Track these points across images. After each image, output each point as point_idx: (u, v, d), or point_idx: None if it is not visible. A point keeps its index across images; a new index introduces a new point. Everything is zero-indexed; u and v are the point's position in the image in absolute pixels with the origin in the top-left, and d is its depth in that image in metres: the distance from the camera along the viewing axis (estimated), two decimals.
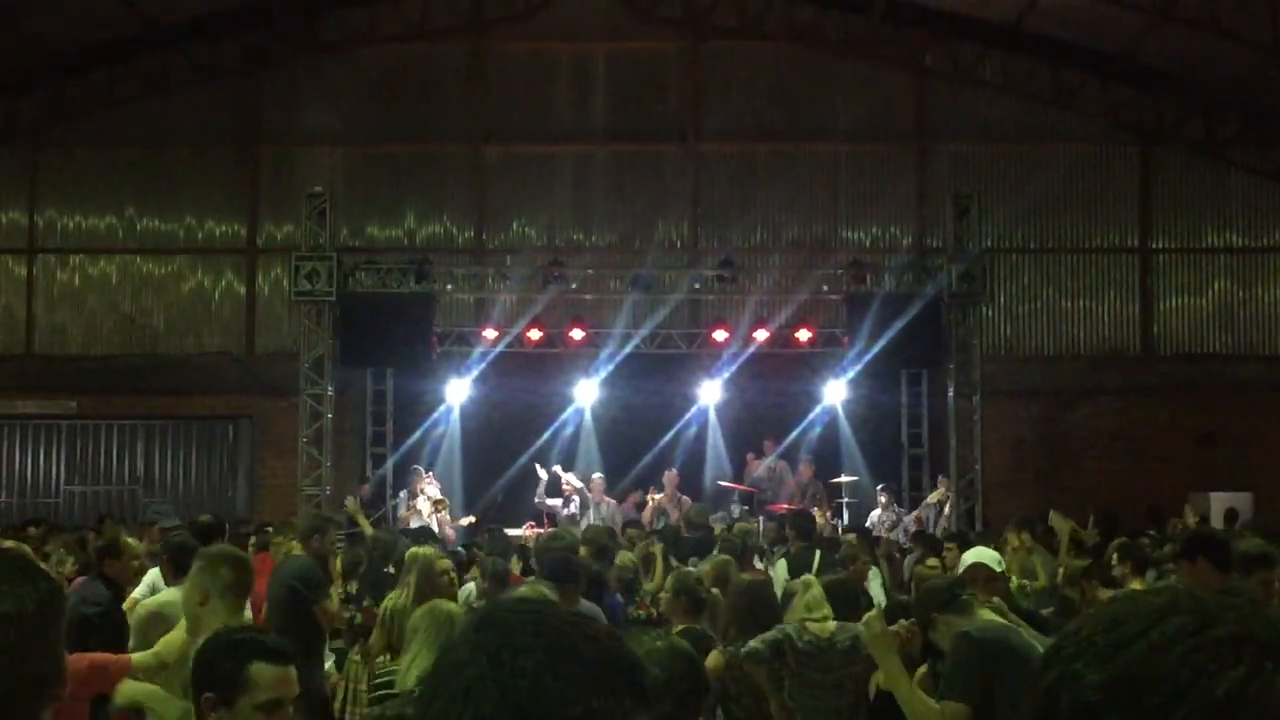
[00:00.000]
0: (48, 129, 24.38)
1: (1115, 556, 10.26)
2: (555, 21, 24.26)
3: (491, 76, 24.49)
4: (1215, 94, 23.40)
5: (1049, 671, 1.47)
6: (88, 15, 22.38)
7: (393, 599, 8.53)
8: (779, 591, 9.10)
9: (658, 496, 19.52)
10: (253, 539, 13.49)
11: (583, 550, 10.16)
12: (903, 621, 6.32)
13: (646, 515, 18.88)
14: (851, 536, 14.13)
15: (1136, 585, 9.75)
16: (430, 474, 20.29)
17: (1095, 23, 22.45)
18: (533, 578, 10.27)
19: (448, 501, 19.57)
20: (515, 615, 1.68)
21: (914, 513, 20.41)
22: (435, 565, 8.80)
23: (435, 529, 18.03)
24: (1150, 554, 10.04)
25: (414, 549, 9.29)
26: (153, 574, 10.05)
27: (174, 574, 8.66)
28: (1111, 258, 24.38)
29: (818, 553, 12.13)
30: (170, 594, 8.43)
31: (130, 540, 10.82)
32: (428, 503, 19.23)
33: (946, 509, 20.08)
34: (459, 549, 14.62)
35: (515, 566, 11.54)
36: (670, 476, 20.10)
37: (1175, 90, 23.67)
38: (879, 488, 20.68)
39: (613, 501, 19.86)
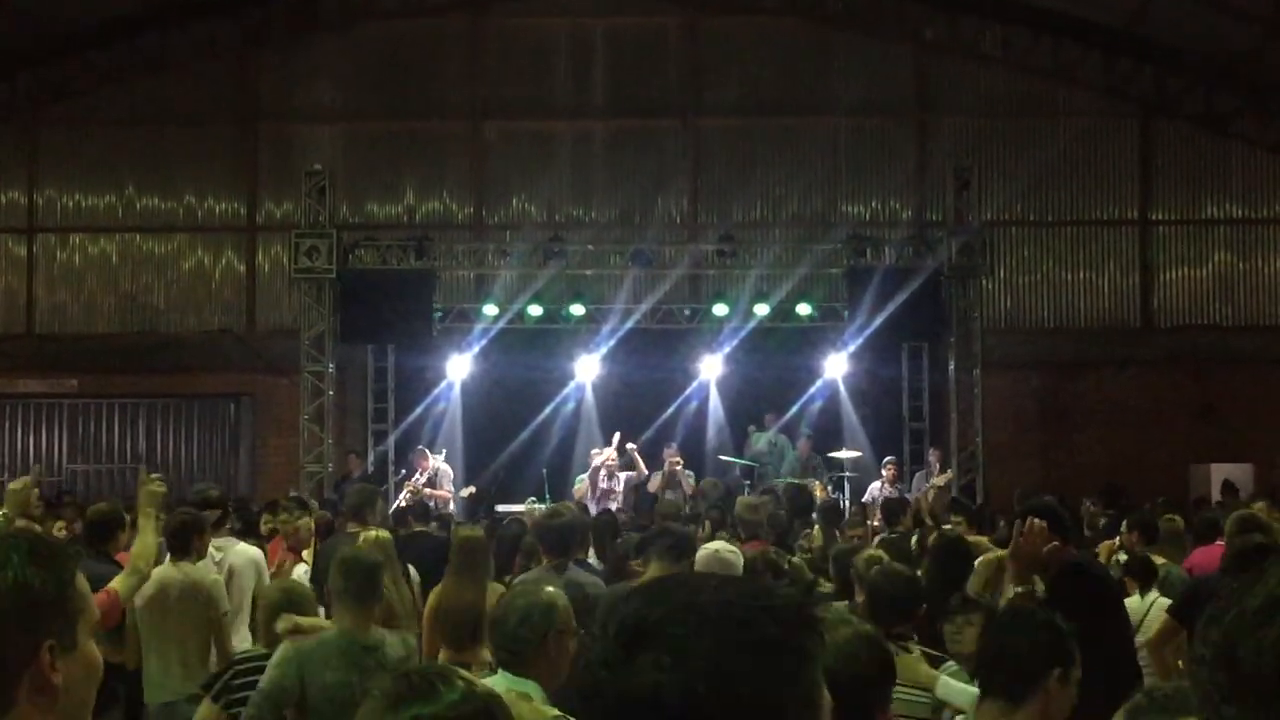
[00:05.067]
0: (47, 108, 24.35)
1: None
2: None
3: (490, 52, 24.45)
4: (1215, 66, 23.34)
5: (1246, 639, 1.49)
6: None
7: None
8: None
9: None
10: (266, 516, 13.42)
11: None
12: None
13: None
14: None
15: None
16: (444, 452, 20.07)
17: None
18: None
19: (445, 490, 19.43)
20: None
21: (917, 494, 20.33)
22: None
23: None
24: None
25: (462, 531, 9.32)
26: None
27: (173, 553, 8.66)
28: (1111, 230, 24.37)
29: (815, 528, 12.16)
30: (165, 569, 8.46)
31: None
32: (409, 488, 18.91)
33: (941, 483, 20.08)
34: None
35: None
36: (671, 451, 20.11)
37: (1175, 63, 23.63)
38: (884, 461, 20.68)
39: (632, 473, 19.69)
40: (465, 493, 19.89)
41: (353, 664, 5.87)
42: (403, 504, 17.76)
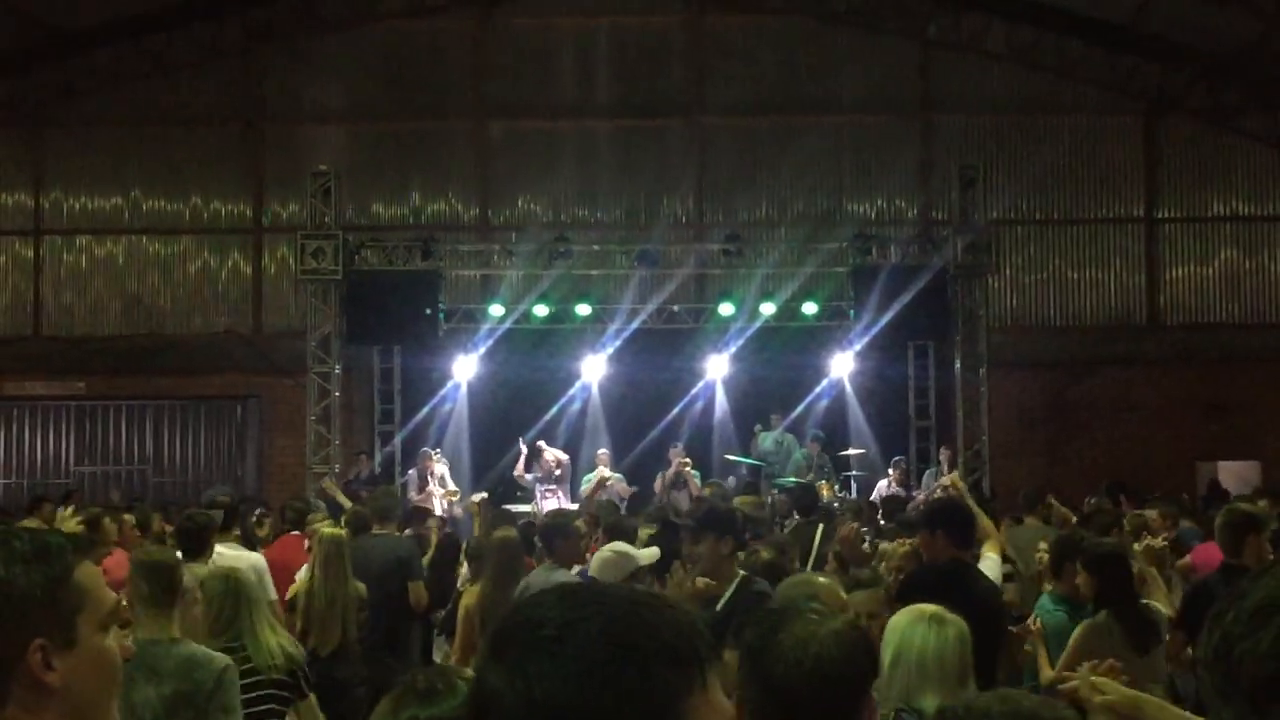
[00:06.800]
0: (52, 110, 24.36)
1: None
2: None
3: (495, 52, 24.45)
4: (1220, 62, 23.31)
5: (1241, 641, 1.50)
6: None
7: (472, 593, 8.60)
8: None
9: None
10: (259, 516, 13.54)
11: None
12: None
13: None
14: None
15: None
16: (438, 452, 20.33)
17: None
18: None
19: (459, 491, 19.63)
20: (528, 629, 1.63)
21: (923, 494, 20.34)
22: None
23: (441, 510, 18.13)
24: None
25: (499, 532, 9.32)
26: None
27: (185, 555, 8.68)
28: (1117, 228, 24.35)
29: (820, 527, 12.11)
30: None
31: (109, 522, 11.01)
32: (440, 489, 19.24)
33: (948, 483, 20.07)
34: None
35: None
36: (677, 451, 20.13)
37: (1180, 59, 23.59)
38: (893, 460, 20.73)
39: (619, 475, 19.85)
40: (478, 498, 19.88)
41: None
42: (457, 513, 18.06)
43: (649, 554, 7.44)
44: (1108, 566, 7.41)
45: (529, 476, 19.41)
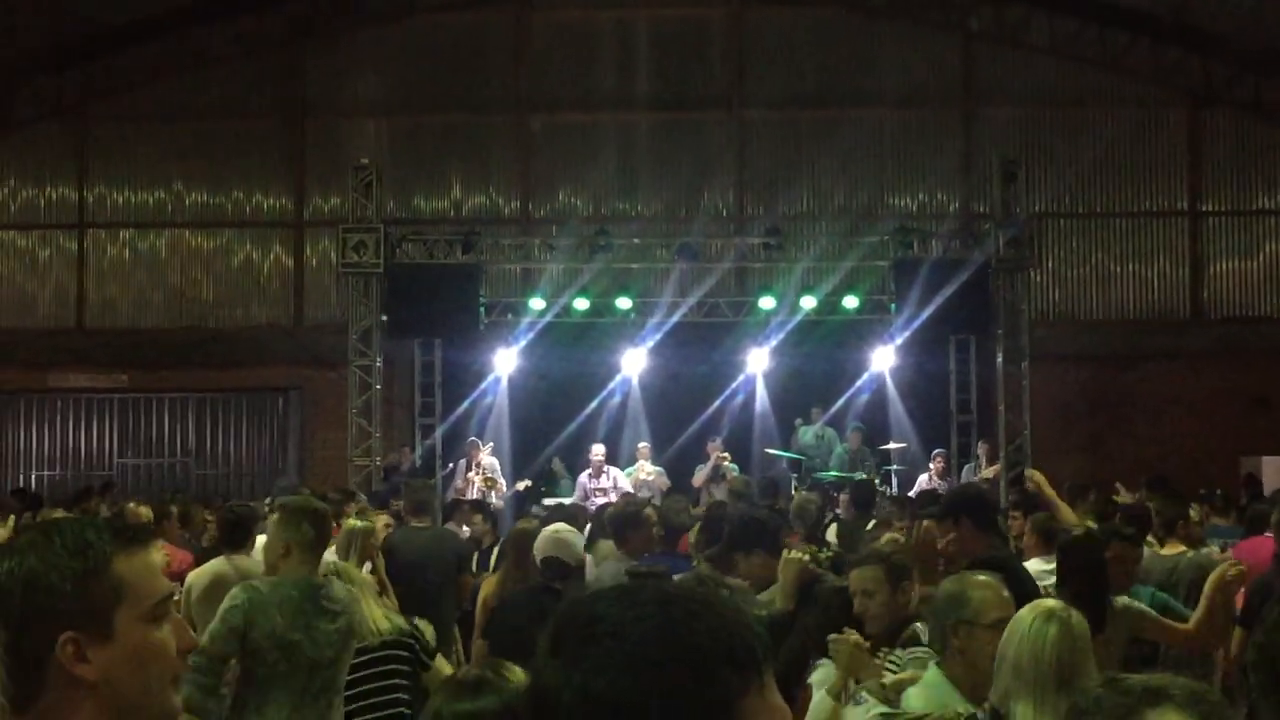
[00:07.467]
0: (95, 105, 24.54)
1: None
2: None
3: (535, 46, 24.48)
4: (1265, 54, 23.13)
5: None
6: None
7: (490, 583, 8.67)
8: None
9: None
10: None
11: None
12: None
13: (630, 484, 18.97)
14: None
15: None
16: (490, 446, 20.33)
17: None
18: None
19: (500, 482, 19.67)
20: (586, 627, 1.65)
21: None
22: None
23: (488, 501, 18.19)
24: None
25: (520, 524, 9.37)
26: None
27: (229, 546, 8.75)
28: (1161, 221, 24.19)
29: (872, 522, 12.08)
30: (219, 563, 8.54)
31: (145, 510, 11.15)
32: (480, 478, 19.33)
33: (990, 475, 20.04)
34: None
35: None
36: (715, 445, 20.11)
37: (1224, 51, 23.42)
38: (934, 453, 20.64)
39: (659, 469, 19.89)
40: (521, 485, 20.02)
41: (300, 610, 6.00)
42: (482, 497, 18.10)
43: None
44: (1074, 552, 7.37)
45: (590, 485, 19.32)
